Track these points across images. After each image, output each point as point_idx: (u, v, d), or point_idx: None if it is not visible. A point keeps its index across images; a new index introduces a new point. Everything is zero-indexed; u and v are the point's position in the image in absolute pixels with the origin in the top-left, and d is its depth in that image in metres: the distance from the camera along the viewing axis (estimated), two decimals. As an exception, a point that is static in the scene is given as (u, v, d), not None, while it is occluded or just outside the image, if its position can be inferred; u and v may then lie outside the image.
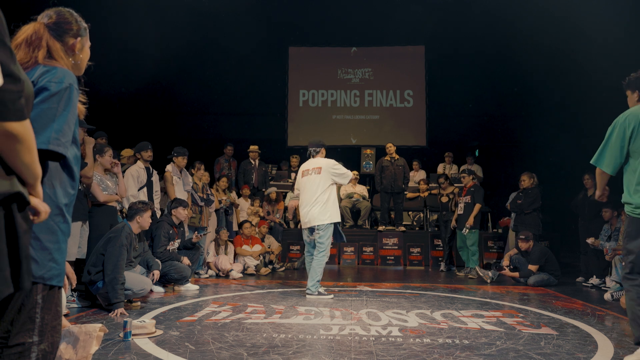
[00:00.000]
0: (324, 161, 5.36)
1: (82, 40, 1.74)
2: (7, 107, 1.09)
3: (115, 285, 4.12)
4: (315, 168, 5.33)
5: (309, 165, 5.45)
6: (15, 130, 1.13)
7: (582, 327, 3.95)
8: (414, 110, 12.30)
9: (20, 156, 1.17)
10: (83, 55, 1.76)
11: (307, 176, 5.39)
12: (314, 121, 12.33)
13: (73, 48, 1.71)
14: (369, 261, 8.79)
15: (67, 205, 1.57)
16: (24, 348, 1.35)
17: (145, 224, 4.68)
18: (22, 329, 1.36)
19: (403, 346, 3.25)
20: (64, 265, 1.55)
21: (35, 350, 1.38)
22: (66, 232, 1.56)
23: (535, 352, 3.15)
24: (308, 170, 5.40)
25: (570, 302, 5.22)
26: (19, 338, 1.35)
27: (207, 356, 2.96)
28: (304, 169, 5.48)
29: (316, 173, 5.30)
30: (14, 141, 1.14)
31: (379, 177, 8.93)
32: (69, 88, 1.53)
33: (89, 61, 1.81)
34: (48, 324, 1.43)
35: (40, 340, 1.39)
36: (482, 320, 4.11)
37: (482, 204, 7.43)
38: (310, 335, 3.55)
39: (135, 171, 5.98)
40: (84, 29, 1.75)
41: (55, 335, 1.47)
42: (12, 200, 1.15)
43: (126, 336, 3.29)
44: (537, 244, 6.65)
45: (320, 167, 5.28)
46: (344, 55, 12.42)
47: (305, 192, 5.36)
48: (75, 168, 1.61)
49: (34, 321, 1.38)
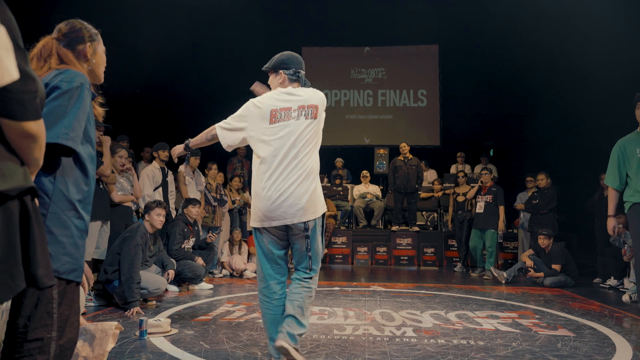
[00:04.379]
0: (319, 95, 2.78)
1: (92, 46, 1.78)
2: (25, 107, 1.11)
3: (131, 285, 4.16)
4: (310, 107, 2.70)
5: (289, 98, 2.74)
6: (33, 130, 1.16)
7: (599, 328, 3.90)
8: (427, 109, 12.24)
9: (32, 152, 1.20)
10: (97, 59, 1.80)
11: (285, 121, 2.68)
12: (327, 121, 11.82)
13: (84, 54, 1.75)
14: (383, 261, 8.76)
15: (81, 202, 1.59)
16: (43, 343, 1.36)
17: (156, 222, 4.67)
18: (40, 324, 1.37)
19: (417, 347, 3.24)
20: (81, 260, 1.56)
21: (54, 346, 1.38)
22: (81, 227, 1.58)
23: (551, 354, 3.11)
24: (289, 109, 2.70)
25: (587, 303, 5.15)
26: (37, 333, 1.36)
27: (222, 355, 2.98)
28: (279, 107, 2.72)
29: (311, 117, 2.70)
30: (30, 140, 1.17)
31: (392, 177, 8.90)
32: (80, 87, 1.57)
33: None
34: (67, 319, 1.44)
35: (59, 336, 1.40)
36: (497, 322, 4.08)
37: (504, 205, 7.41)
38: (324, 335, 3.55)
39: (151, 171, 6.05)
40: (94, 34, 1.80)
41: (74, 331, 1.48)
42: (26, 194, 1.16)
43: (142, 335, 3.32)
44: (556, 243, 6.58)
45: (317, 105, 2.72)
46: (357, 55, 12.41)
47: (280, 151, 2.65)
48: (90, 166, 1.64)
49: (52, 316, 1.39)
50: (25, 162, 1.21)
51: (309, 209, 2.62)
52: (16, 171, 1.14)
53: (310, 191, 2.63)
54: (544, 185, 7.19)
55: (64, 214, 1.50)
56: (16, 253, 1.10)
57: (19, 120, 1.12)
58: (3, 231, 1.07)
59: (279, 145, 2.64)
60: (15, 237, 1.11)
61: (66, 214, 1.52)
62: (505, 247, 8.64)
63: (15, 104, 1.09)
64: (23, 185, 1.14)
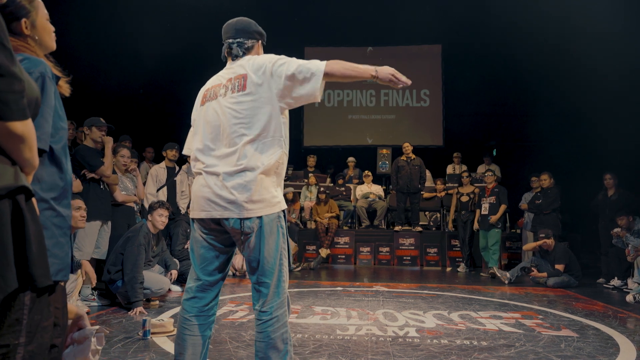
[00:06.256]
0: (258, 60, 2.13)
1: (29, 20, 1.61)
2: (9, 107, 1.11)
3: (134, 285, 4.17)
4: (236, 77, 2.12)
5: (221, 77, 2.22)
6: (19, 130, 1.15)
7: (603, 329, 3.88)
8: (430, 109, 12.23)
9: (22, 153, 1.19)
10: (38, 33, 1.63)
11: (212, 100, 2.17)
12: (329, 121, 12.33)
13: (20, 31, 1.58)
14: (385, 261, 8.75)
15: (56, 199, 1.53)
16: (8, 349, 1.28)
17: (158, 223, 4.64)
18: (8, 330, 1.28)
19: (420, 347, 3.24)
20: (67, 258, 1.52)
21: (22, 352, 1.30)
22: (61, 224, 1.53)
23: (555, 354, 3.11)
24: (218, 86, 2.19)
25: (590, 303, 5.13)
26: (3, 340, 1.27)
27: (225, 355, 2.98)
28: (208, 87, 2.27)
29: (238, 89, 2.09)
30: (17, 140, 1.16)
31: (395, 177, 8.89)
32: (40, 78, 1.47)
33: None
34: (37, 324, 1.35)
35: (28, 342, 1.32)
36: (500, 322, 4.07)
37: (507, 204, 7.43)
38: (327, 335, 3.55)
39: (155, 171, 6.04)
40: (27, 4, 1.61)
41: (46, 335, 1.39)
42: (18, 192, 1.15)
43: (145, 334, 3.33)
44: (559, 243, 6.56)
45: (245, 74, 2.09)
46: (359, 55, 12.37)
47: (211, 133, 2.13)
48: (64, 159, 1.57)
49: (21, 323, 1.30)
50: (18, 164, 1.20)
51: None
52: (5, 171, 1.14)
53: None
54: (547, 185, 7.18)
55: (41, 215, 1.43)
56: (7, 253, 1.09)
57: (4, 121, 1.11)
58: None
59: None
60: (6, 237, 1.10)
61: (43, 215, 1.46)
62: (509, 247, 8.62)
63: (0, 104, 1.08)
64: (12, 185, 1.13)
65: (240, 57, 2.18)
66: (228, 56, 2.24)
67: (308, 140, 12.22)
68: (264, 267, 2.02)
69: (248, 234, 2.00)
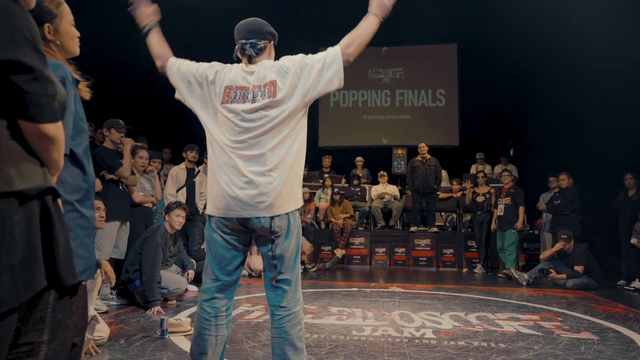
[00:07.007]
0: (284, 63, 2.20)
1: (53, 25, 1.62)
2: (43, 110, 1.14)
3: (152, 284, 4.22)
4: (266, 84, 2.13)
5: (244, 76, 2.18)
6: (51, 132, 1.17)
7: (624, 332, 3.82)
8: (446, 109, 12.14)
9: (51, 154, 1.22)
10: (61, 39, 1.64)
11: (239, 103, 2.13)
12: (344, 121, 12.32)
13: (43, 36, 1.57)
14: (401, 262, 8.71)
15: (80, 201, 1.58)
16: (32, 347, 1.31)
17: (175, 223, 4.70)
18: (33, 328, 1.31)
19: (437, 349, 3.21)
20: (92, 258, 1.56)
21: (45, 349, 1.34)
22: (85, 226, 1.57)
23: (575, 357, 3.06)
24: (245, 89, 2.15)
25: (611, 306, 5.04)
26: (28, 337, 1.30)
27: (241, 355, 3.00)
28: (232, 85, 2.17)
29: (268, 96, 2.10)
30: (49, 142, 1.19)
31: (410, 177, 8.85)
32: (60, 82, 1.44)
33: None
34: (60, 322, 1.38)
35: (51, 339, 1.35)
36: (518, 324, 4.02)
37: (524, 205, 7.38)
38: (343, 336, 3.55)
39: (175, 171, 6.11)
40: (53, 9, 1.62)
41: (69, 333, 1.42)
42: (46, 194, 1.17)
43: (163, 334, 3.37)
44: (578, 245, 6.46)
45: (275, 80, 2.13)
46: (374, 55, 12.34)
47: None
48: (85, 162, 1.61)
49: (44, 321, 1.33)
50: (45, 164, 1.23)
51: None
52: (35, 172, 1.16)
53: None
54: (566, 186, 7.08)
55: (65, 217, 1.45)
56: (36, 252, 1.12)
57: (37, 123, 1.14)
58: (24, 231, 1.09)
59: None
60: (36, 237, 1.12)
61: (67, 216, 1.50)
62: (527, 248, 8.52)
63: (33, 106, 1.11)
64: (42, 185, 1.16)
65: (254, 58, 2.21)
66: (242, 57, 2.24)
67: (323, 141, 12.22)
68: (287, 264, 2.08)
69: (277, 232, 2.04)
